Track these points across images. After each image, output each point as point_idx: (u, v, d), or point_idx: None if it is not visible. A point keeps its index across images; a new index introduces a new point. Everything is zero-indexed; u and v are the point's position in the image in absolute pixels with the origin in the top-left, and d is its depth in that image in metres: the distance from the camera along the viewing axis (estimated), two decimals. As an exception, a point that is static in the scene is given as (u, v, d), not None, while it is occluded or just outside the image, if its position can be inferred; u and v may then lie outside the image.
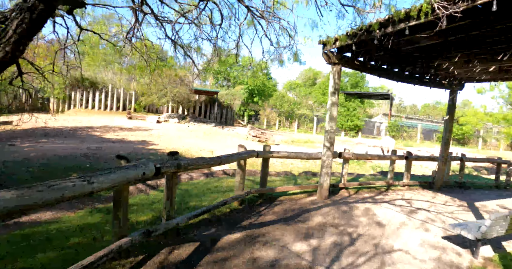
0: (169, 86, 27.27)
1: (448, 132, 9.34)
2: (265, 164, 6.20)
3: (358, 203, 6.89)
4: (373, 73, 7.50)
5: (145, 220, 4.75)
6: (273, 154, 6.14)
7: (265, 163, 6.19)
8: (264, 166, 6.21)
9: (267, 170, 6.28)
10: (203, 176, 8.24)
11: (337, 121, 41.25)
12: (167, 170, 3.74)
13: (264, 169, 6.22)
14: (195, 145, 17.74)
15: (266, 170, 6.25)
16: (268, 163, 6.23)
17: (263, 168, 6.22)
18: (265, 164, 6.20)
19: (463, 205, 7.95)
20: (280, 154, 6.32)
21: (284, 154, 6.41)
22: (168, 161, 3.82)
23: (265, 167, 6.21)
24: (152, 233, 3.69)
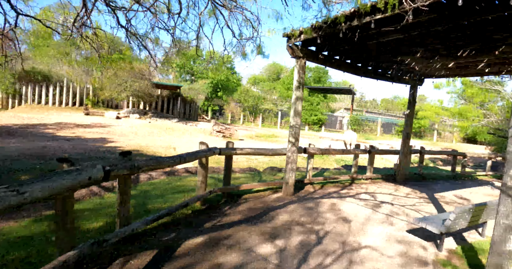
0: (129, 80, 26.15)
1: (409, 126, 9.53)
2: (228, 162, 5.93)
3: (324, 198, 6.81)
4: (338, 68, 7.43)
5: (98, 227, 4.34)
6: (236, 151, 5.88)
7: (228, 160, 5.92)
8: (227, 164, 5.94)
9: (231, 167, 6.01)
10: (164, 175, 7.83)
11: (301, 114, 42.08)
12: (119, 173, 3.38)
13: (228, 167, 5.94)
14: (157, 142, 17.14)
15: (230, 168, 5.98)
16: (231, 160, 5.96)
17: (226, 166, 5.95)
18: (228, 161, 5.93)
19: (423, 196, 8.13)
20: (244, 151, 6.07)
21: (248, 151, 6.17)
22: (120, 163, 3.45)
23: (228, 164, 5.94)
24: (105, 242, 3.33)
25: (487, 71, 7.45)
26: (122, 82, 26.19)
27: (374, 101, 77.68)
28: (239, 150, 5.96)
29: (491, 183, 11.80)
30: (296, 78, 6.47)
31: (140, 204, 5.38)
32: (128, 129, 20.31)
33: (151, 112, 29.17)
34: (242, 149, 6.04)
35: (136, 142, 16.32)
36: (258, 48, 6.15)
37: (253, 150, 6.30)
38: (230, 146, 5.88)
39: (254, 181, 7.74)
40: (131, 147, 15.21)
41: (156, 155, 14.90)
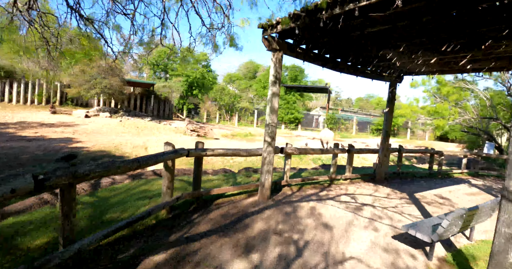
0: (98, 77, 24.92)
1: (388, 125, 9.25)
2: (198, 164, 5.35)
3: (303, 201, 6.36)
4: (317, 63, 6.99)
5: (42, 245, 3.68)
6: (206, 152, 5.32)
7: (198, 163, 5.35)
8: (197, 166, 5.36)
9: (201, 170, 5.44)
10: (129, 178, 7.16)
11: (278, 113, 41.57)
12: (58, 181, 2.76)
13: (198, 169, 5.37)
14: (127, 141, 16.27)
15: (200, 170, 5.41)
16: (201, 162, 5.39)
17: (196, 168, 5.37)
18: (198, 163, 5.35)
19: (404, 197, 7.85)
20: (216, 152, 5.51)
21: (220, 151, 5.61)
22: (59, 170, 2.83)
23: (199, 166, 5.37)
24: (41, 268, 2.70)
25: (469, 68, 7.22)
26: (90, 79, 24.93)
27: (349, 100, 78.70)
28: (210, 151, 5.40)
29: (467, 181, 11.77)
30: (272, 73, 5.97)
31: (96, 215, 4.73)
32: (97, 128, 19.28)
33: (122, 110, 28.03)
34: (214, 150, 5.48)
35: (104, 141, 15.40)
36: (231, 39, 5.60)
37: (226, 150, 5.75)
38: (200, 147, 5.31)
39: (228, 184, 7.20)
40: (98, 147, 14.33)
41: (125, 155, 14.09)
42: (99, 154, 13.46)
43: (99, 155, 13.22)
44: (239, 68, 67.63)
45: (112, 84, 25.10)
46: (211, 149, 5.43)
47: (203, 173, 8.45)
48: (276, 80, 5.96)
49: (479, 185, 11.16)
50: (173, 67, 44.94)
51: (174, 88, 37.47)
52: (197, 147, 5.30)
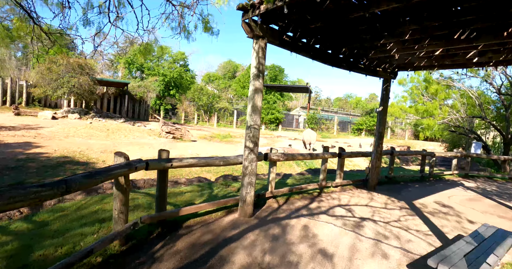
0: (66, 76, 23.20)
1: (382, 125, 8.36)
2: (163, 178, 4.22)
3: (292, 218, 5.33)
4: (305, 54, 5.98)
5: None
6: (172, 163, 4.20)
7: (163, 177, 4.22)
8: (161, 181, 4.23)
9: (166, 185, 4.30)
10: (82, 193, 5.94)
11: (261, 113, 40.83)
12: None
13: (162, 185, 4.24)
14: (94, 146, 14.84)
15: (164, 186, 4.27)
16: (166, 176, 4.26)
17: (160, 184, 4.24)
18: (163, 177, 4.22)
19: (403, 206, 6.96)
20: (184, 162, 4.39)
21: (190, 162, 4.49)
22: None
23: (163, 182, 4.24)
24: None
25: (475, 61, 6.39)
26: (57, 78, 23.18)
27: (328, 100, 78.69)
28: (176, 161, 4.28)
29: (461, 184, 11.09)
30: (254, 64, 4.92)
31: (21, 253, 3.52)
32: (63, 131, 17.69)
33: (93, 111, 26.32)
34: (182, 160, 4.36)
35: (68, 146, 13.94)
36: (205, 22, 4.52)
37: (197, 160, 4.63)
38: (165, 156, 4.18)
39: (202, 197, 6.08)
40: (60, 152, 12.90)
41: (91, 161, 12.72)
42: (60, 160, 12.05)
43: (60, 162, 11.81)
44: (218, 68, 66.36)
45: (81, 83, 23.42)
46: (178, 159, 4.31)
47: (174, 183, 7.30)
48: (259, 73, 4.90)
49: (474, 188, 10.48)
50: (149, 67, 43.16)
51: (150, 88, 35.88)
52: (160, 156, 4.17)
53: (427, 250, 4.42)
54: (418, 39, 5.41)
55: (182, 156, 14.20)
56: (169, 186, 7.10)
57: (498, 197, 9.23)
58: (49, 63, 23.47)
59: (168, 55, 45.66)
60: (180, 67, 44.63)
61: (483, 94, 15.69)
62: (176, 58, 45.50)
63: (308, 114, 40.04)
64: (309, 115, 39.62)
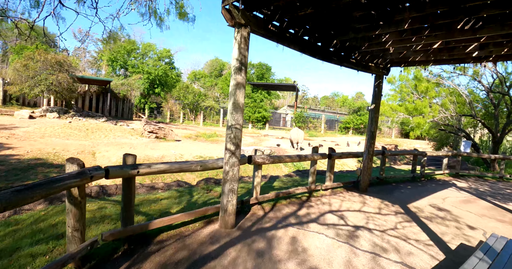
0: (44, 73, 22.16)
1: (374, 124, 7.89)
2: (128, 187, 3.61)
3: (279, 228, 4.79)
4: (293, 47, 5.42)
5: None
6: (139, 170, 3.59)
7: (128, 186, 3.61)
8: (127, 190, 3.62)
9: (132, 194, 3.69)
10: (43, 202, 5.27)
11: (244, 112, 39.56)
12: None
13: (127, 195, 3.63)
14: (72, 146, 14.04)
15: (130, 196, 3.66)
16: (132, 184, 3.65)
17: (126, 194, 3.62)
18: (128, 187, 3.61)
19: (398, 211, 6.50)
20: (154, 168, 3.79)
21: (160, 168, 3.89)
22: None
23: (128, 191, 3.62)
24: None
25: (475, 55, 5.96)
26: (34, 75, 22.12)
27: (315, 98, 78.60)
28: (144, 167, 3.67)
29: (453, 184, 10.76)
30: (235, 56, 4.34)
31: None
32: (39, 131, 16.77)
33: (73, 110, 25.32)
34: (151, 166, 3.75)
35: (43, 147, 13.12)
36: (179, 7, 3.92)
37: (170, 165, 4.02)
38: (130, 162, 3.58)
39: (180, 204, 5.48)
40: (33, 154, 12.10)
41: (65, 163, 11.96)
42: (32, 162, 11.28)
43: (32, 164, 11.04)
44: (205, 66, 65.47)
45: (59, 81, 22.40)
46: (146, 165, 3.70)
47: (150, 188, 6.68)
48: (241, 66, 4.33)
49: (467, 188, 10.14)
50: (133, 64, 42.04)
51: (134, 86, 34.90)
52: (125, 162, 3.57)
53: (431, 265, 3.94)
54: (417, 30, 4.92)
55: (163, 156, 13.54)
56: (144, 192, 6.48)
57: (492, 198, 8.89)
58: (26, 59, 22.39)
59: (153, 53, 44.61)
60: (165, 65, 43.63)
61: (472, 93, 15.46)
62: (161, 55, 44.48)
63: (296, 113, 39.64)
64: (297, 114, 39.23)
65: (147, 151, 14.19)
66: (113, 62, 41.48)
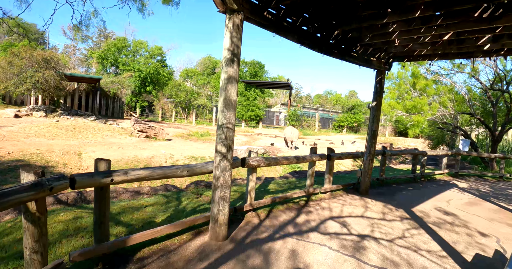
0: (29, 70, 21.36)
1: (375, 122, 7.42)
2: (101, 199, 3.07)
3: (277, 239, 4.29)
4: (291, 37, 4.91)
5: None
6: (113, 178, 3.04)
7: (101, 196, 3.07)
8: (100, 202, 3.07)
9: (106, 206, 3.15)
10: (11, 212, 4.69)
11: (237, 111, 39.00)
12: None
13: (100, 208, 3.08)
14: (56, 146, 13.40)
15: (104, 209, 3.11)
16: (106, 195, 3.12)
17: (99, 207, 3.07)
18: (101, 197, 3.07)
19: (404, 216, 6.04)
20: (131, 176, 3.25)
21: (139, 175, 3.34)
22: None
23: (101, 203, 3.08)
24: None
25: (486, 48, 5.50)
26: (20, 72, 21.31)
27: (308, 96, 78.32)
28: (120, 174, 3.13)
29: (454, 185, 10.39)
30: (227, 46, 3.82)
31: None
32: (23, 131, 16.06)
33: (61, 109, 24.54)
34: (127, 173, 3.21)
35: (26, 147, 12.47)
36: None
37: (151, 171, 3.47)
38: (103, 168, 3.04)
39: (166, 212, 4.95)
40: (15, 155, 11.47)
41: (50, 165, 11.33)
42: (13, 164, 10.65)
43: (12, 166, 10.42)
44: (197, 64, 64.68)
45: (46, 78, 21.61)
46: (123, 171, 3.16)
47: (135, 193, 6.13)
48: (234, 57, 3.81)
49: (468, 189, 9.77)
50: (124, 62, 41.18)
51: (125, 84, 34.15)
52: (96, 169, 3.03)
53: (449, 283, 3.47)
54: (428, 18, 4.44)
55: (153, 157, 12.96)
56: (128, 198, 5.93)
57: (497, 199, 8.51)
58: (11, 56, 21.58)
59: (144, 50, 43.78)
60: (157, 62, 42.82)
61: (471, 90, 15.10)
62: (152, 53, 43.64)
63: (289, 111, 39.18)
64: (290, 112, 38.77)
65: (136, 151, 13.61)
66: (103, 59, 40.61)
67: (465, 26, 4.49)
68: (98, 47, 48.46)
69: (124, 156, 12.70)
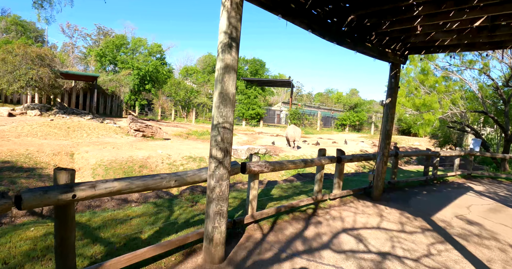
0: (23, 67, 20.69)
1: (390, 121, 6.73)
2: (62, 220, 2.39)
3: (284, 261, 3.62)
4: (299, 23, 4.22)
5: None
6: (75, 193, 2.37)
7: (62, 218, 2.39)
8: (61, 225, 2.39)
9: (70, 230, 2.46)
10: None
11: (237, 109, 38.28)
12: None
13: (61, 232, 2.40)
14: (48, 146, 12.74)
15: (67, 231, 2.43)
16: (68, 214, 2.43)
17: (59, 230, 2.40)
18: (62, 218, 2.39)
19: (425, 227, 5.37)
20: (99, 190, 2.52)
21: (112, 187, 2.61)
22: None
23: (63, 225, 2.39)
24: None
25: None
26: (14, 70, 20.64)
27: (309, 95, 77.62)
28: (85, 188, 2.43)
29: (469, 188, 9.71)
30: (224, 28, 3.14)
31: None
32: (15, 130, 15.41)
33: (57, 107, 23.85)
34: (95, 186, 2.51)
35: (16, 147, 11.83)
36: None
37: (128, 182, 2.76)
38: (63, 181, 2.36)
39: (155, 224, 4.26)
40: (2, 155, 10.88)
41: (38, 166, 10.68)
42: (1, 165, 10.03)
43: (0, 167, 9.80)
44: (197, 62, 63.97)
45: (40, 76, 20.93)
46: (89, 185, 2.47)
47: (122, 201, 5.45)
48: (232, 41, 3.13)
49: (486, 193, 9.09)
50: (123, 59, 40.46)
51: (123, 82, 33.40)
52: (56, 182, 2.35)
53: None
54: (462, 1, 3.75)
55: (149, 157, 12.28)
56: (113, 206, 5.26)
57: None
58: (4, 53, 20.90)
59: (143, 48, 43.05)
60: (156, 60, 42.10)
61: (482, 88, 14.38)
62: (152, 51, 42.92)
63: (291, 109, 38.47)
64: (292, 111, 38.06)
65: (132, 151, 12.95)
66: (102, 57, 39.89)
67: (505, 8, 3.81)
68: (97, 45, 47.85)
69: (118, 156, 12.04)
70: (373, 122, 42.11)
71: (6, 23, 47.84)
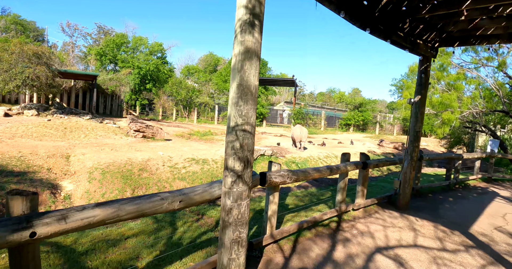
0: (19, 66, 19.98)
1: (419, 121, 5.98)
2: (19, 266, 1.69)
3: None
4: (328, 3, 3.49)
5: None
6: (36, 229, 1.64)
7: (17, 262, 1.68)
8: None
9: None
10: None
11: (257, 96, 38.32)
12: None
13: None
14: (42, 148, 12.02)
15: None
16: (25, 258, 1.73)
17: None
18: (17, 263, 1.69)
19: (465, 242, 4.63)
20: (71, 224, 1.79)
21: (90, 217, 1.85)
22: None
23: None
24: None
25: None
26: (9, 68, 19.94)
27: (311, 94, 76.95)
28: (49, 222, 1.69)
29: (495, 193, 9.02)
30: (243, 2, 2.38)
31: None
32: (10, 131, 14.70)
33: (54, 107, 23.15)
34: (66, 218, 1.77)
35: (8, 149, 11.12)
36: None
37: (114, 208, 1.99)
38: (18, 211, 1.62)
39: (152, 250, 3.52)
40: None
41: (30, 170, 9.96)
42: (-11, 168, 9.35)
43: (-13, 171, 9.11)
44: (199, 61, 63.30)
45: (37, 74, 20.22)
46: (57, 216, 1.72)
47: (117, 216, 4.72)
48: (254, 19, 2.38)
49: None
50: (123, 58, 39.73)
51: (124, 81, 32.69)
52: (8, 212, 1.62)
53: None
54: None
55: (149, 160, 11.52)
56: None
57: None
58: (1, 51, 20.21)
59: (144, 47, 42.34)
60: (157, 59, 41.38)
61: (502, 86, 13.59)
62: (153, 50, 42.21)
63: (294, 109, 37.70)
64: (295, 110, 37.28)
65: (131, 153, 12.22)
66: (102, 56, 39.20)
67: None
68: (97, 45, 47.23)
69: (117, 158, 11.30)
70: (378, 122, 41.36)
71: (6, 22, 47.29)
